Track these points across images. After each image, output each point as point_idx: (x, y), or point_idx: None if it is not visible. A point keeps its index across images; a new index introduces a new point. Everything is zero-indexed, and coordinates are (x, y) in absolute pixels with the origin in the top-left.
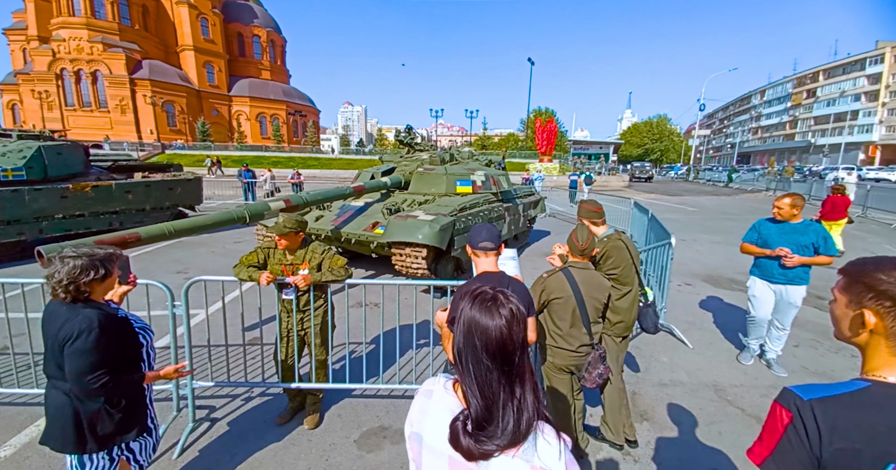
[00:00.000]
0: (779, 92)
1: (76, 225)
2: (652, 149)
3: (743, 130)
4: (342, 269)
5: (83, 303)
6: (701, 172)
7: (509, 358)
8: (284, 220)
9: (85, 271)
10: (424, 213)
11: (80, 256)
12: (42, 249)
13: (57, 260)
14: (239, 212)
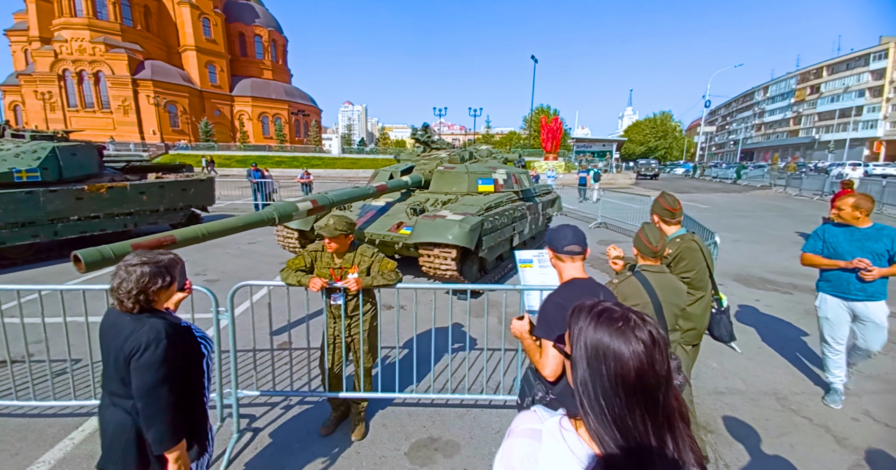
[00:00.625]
0: (782, 88)
1: (91, 227)
2: (655, 146)
3: (746, 127)
4: (393, 272)
5: (148, 312)
6: (707, 169)
7: (652, 394)
8: (335, 222)
9: (153, 279)
10: (452, 213)
11: (145, 262)
12: (80, 253)
13: (122, 268)
14: (268, 213)
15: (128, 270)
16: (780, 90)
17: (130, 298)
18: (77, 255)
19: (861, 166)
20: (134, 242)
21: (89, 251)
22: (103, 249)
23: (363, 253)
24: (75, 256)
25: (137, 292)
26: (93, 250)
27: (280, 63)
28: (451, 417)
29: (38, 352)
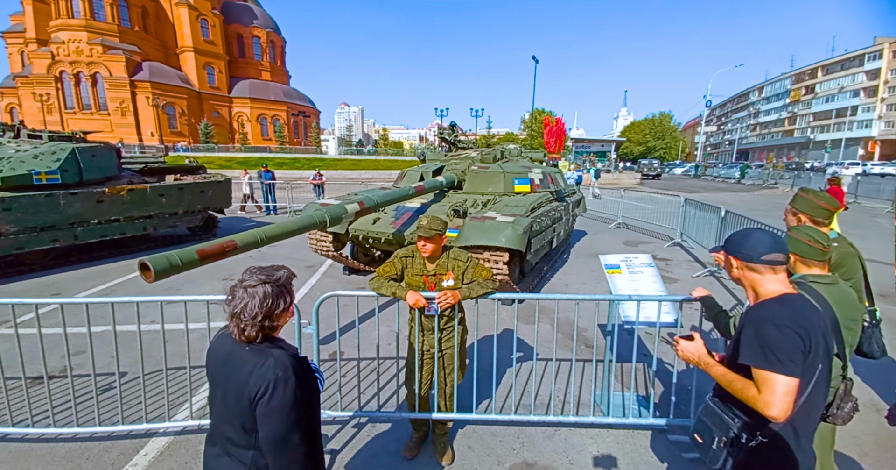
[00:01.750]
0: (777, 88)
1: (111, 230)
2: (654, 146)
3: (741, 127)
4: (490, 280)
5: (268, 341)
6: (709, 169)
7: None
8: (430, 222)
9: (276, 301)
10: (501, 215)
11: (265, 281)
12: (150, 261)
13: (241, 289)
14: (320, 216)
15: (248, 290)
16: (774, 90)
17: (255, 325)
18: (146, 262)
19: (859, 165)
20: (199, 248)
21: (158, 259)
22: (170, 256)
23: (457, 257)
24: (143, 264)
25: (263, 317)
26: (160, 257)
27: (278, 64)
28: (539, 437)
29: (77, 365)
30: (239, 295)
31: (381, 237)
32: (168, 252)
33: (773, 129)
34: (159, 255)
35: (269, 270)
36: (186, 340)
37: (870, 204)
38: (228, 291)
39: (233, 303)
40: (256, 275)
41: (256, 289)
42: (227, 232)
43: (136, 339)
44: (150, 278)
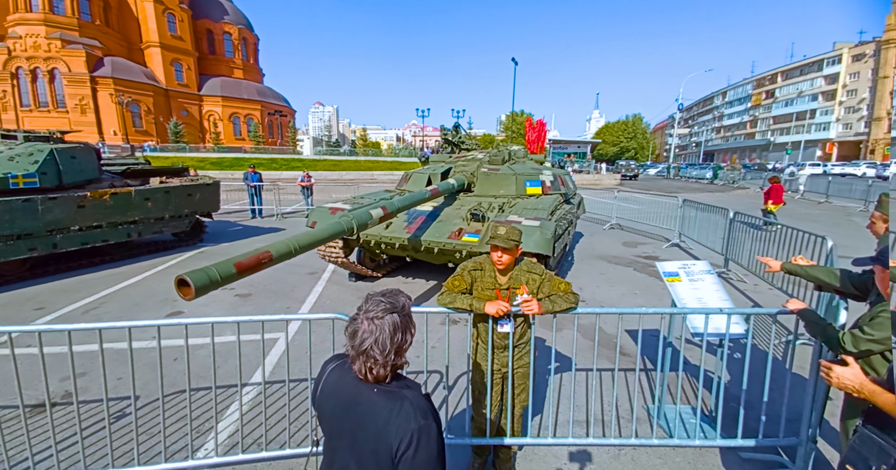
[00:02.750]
0: (739, 93)
1: (93, 237)
2: (627, 147)
3: (707, 130)
4: (572, 294)
5: (396, 379)
6: (682, 169)
7: None
8: (508, 232)
9: (405, 333)
10: (525, 219)
11: (390, 309)
12: (190, 277)
13: (366, 320)
14: (347, 222)
15: (376, 323)
16: (737, 95)
17: (388, 363)
18: (185, 278)
19: (819, 166)
20: (236, 261)
21: (197, 274)
22: (209, 271)
23: (531, 270)
24: (182, 280)
25: (395, 354)
26: (199, 273)
27: (251, 62)
28: (605, 458)
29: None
30: (365, 328)
31: (396, 243)
32: (206, 267)
33: (736, 131)
34: (198, 270)
35: (392, 297)
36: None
37: (841, 203)
38: (348, 322)
39: (358, 338)
40: (381, 303)
41: (384, 320)
42: (214, 237)
43: (139, 358)
44: (189, 296)
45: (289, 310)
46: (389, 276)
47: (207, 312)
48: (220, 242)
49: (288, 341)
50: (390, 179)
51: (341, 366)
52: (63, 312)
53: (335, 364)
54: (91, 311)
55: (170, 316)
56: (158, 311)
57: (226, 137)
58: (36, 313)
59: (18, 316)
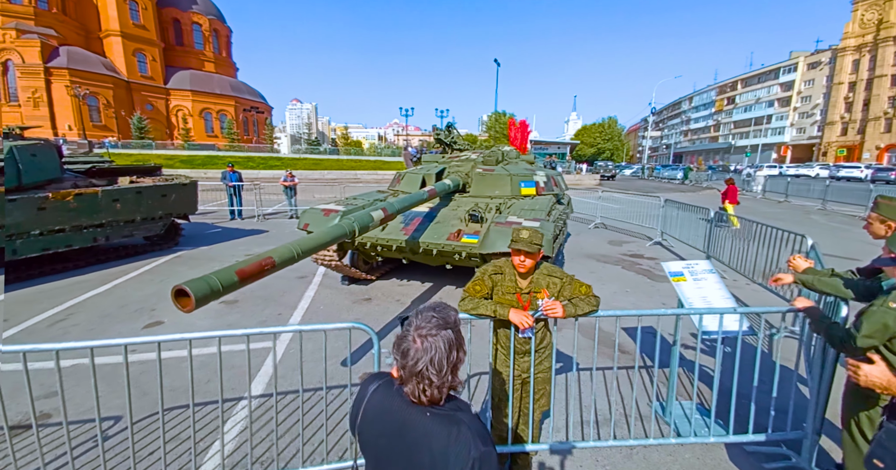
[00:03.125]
0: (704, 99)
1: (55, 242)
2: (603, 148)
3: (676, 133)
4: (594, 297)
5: (448, 399)
6: (657, 170)
7: None
8: (531, 235)
9: (459, 350)
10: (525, 220)
11: (442, 325)
12: (190, 287)
13: (419, 338)
14: (349, 225)
15: (429, 340)
16: (702, 101)
17: (445, 384)
18: (184, 288)
19: (776, 168)
20: (238, 268)
21: (197, 284)
22: (210, 280)
23: (551, 274)
24: (181, 291)
25: (452, 373)
26: (199, 282)
27: (223, 55)
28: (618, 458)
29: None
30: (418, 347)
31: (393, 245)
32: (205, 275)
33: (701, 135)
34: (197, 279)
35: (443, 311)
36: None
37: (799, 203)
38: (396, 341)
39: (410, 357)
40: (433, 318)
41: (438, 338)
42: (191, 240)
43: (118, 372)
44: (188, 307)
45: (280, 317)
46: (383, 278)
47: (191, 322)
48: (198, 246)
49: (276, 354)
50: (374, 179)
51: (386, 387)
52: (27, 324)
53: (377, 384)
54: (58, 323)
55: (148, 327)
56: (134, 322)
57: (197, 134)
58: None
59: None
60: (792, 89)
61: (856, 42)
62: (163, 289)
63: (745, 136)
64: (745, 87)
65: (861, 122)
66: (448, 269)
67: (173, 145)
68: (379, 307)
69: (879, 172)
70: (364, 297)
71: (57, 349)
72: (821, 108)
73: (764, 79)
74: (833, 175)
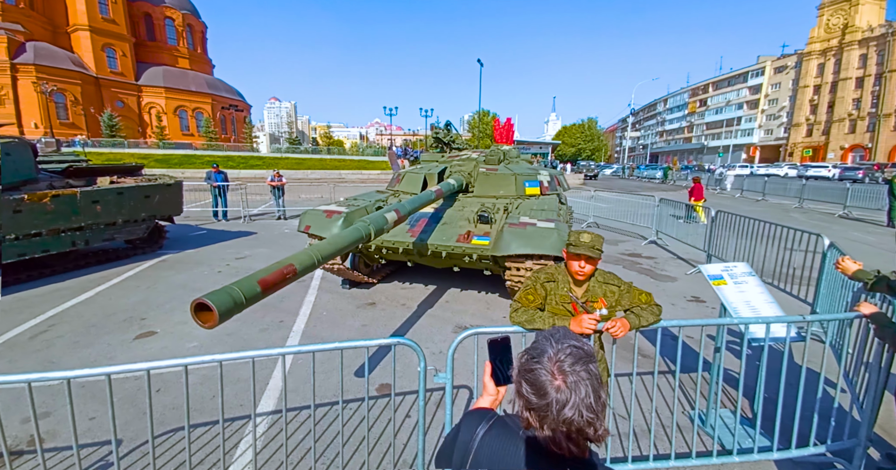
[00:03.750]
0: (678, 101)
1: (31, 247)
2: (584, 148)
3: (651, 133)
4: (656, 306)
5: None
6: (641, 169)
7: None
8: (593, 239)
9: (601, 388)
10: (539, 220)
11: (585, 357)
12: (213, 301)
13: (555, 374)
14: (364, 228)
15: (575, 375)
16: (676, 102)
17: (598, 432)
18: (206, 302)
19: (747, 168)
20: (260, 278)
21: (220, 297)
22: (232, 292)
23: (607, 281)
24: (201, 305)
25: (601, 416)
26: (221, 294)
27: (198, 51)
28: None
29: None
30: (560, 385)
31: (399, 247)
32: (227, 286)
33: (676, 136)
34: (219, 291)
35: (576, 339)
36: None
37: (776, 201)
38: (522, 371)
39: (554, 400)
40: (572, 348)
41: (583, 374)
42: (174, 243)
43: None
44: (210, 322)
45: (282, 324)
46: (385, 281)
47: (187, 331)
48: (183, 249)
49: (285, 365)
50: (360, 179)
51: (501, 431)
52: (7, 336)
53: (486, 426)
54: (40, 335)
55: (140, 338)
56: (123, 332)
57: (172, 133)
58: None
59: None
60: (760, 92)
61: (821, 46)
62: (151, 296)
63: (716, 137)
64: (716, 90)
65: (826, 124)
66: (455, 271)
67: (146, 144)
68: (384, 312)
69: (847, 172)
70: (367, 301)
71: (30, 381)
72: (787, 110)
73: (733, 82)
74: (801, 174)
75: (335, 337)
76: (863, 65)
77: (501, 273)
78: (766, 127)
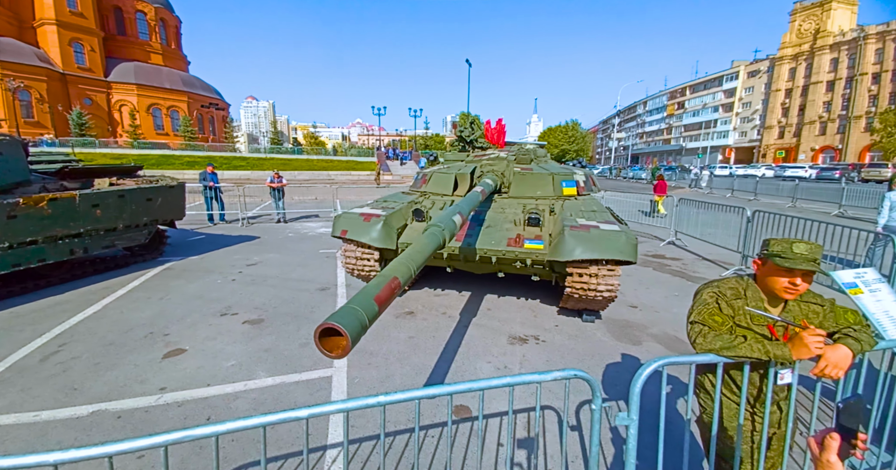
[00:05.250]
0: (657, 103)
1: (26, 256)
2: (568, 149)
3: (632, 135)
4: (868, 326)
5: None
6: (623, 170)
7: None
8: (812, 250)
9: None
10: (601, 223)
11: None
12: (342, 325)
13: None
14: (440, 232)
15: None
16: (655, 105)
17: None
18: (337, 326)
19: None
20: (375, 294)
21: (347, 318)
22: (357, 313)
23: (806, 299)
24: (330, 330)
25: None
26: (348, 316)
27: (173, 47)
28: None
29: None
30: None
31: (445, 252)
32: (348, 307)
33: (655, 137)
34: (343, 313)
35: None
36: None
37: (768, 201)
38: None
39: None
40: None
41: None
42: (175, 249)
43: None
44: (338, 351)
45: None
46: (414, 288)
47: (219, 348)
48: (186, 255)
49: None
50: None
51: None
52: (13, 360)
53: None
54: (52, 357)
55: (168, 357)
56: (149, 351)
57: (145, 132)
58: None
59: None
60: (734, 96)
61: (793, 51)
62: (167, 308)
63: (694, 139)
64: (693, 93)
65: (797, 126)
66: (499, 277)
67: (117, 143)
68: (427, 322)
69: (824, 172)
70: (404, 310)
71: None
72: (760, 113)
73: (709, 85)
74: (779, 175)
75: (385, 351)
76: (834, 68)
77: (552, 279)
78: (740, 129)
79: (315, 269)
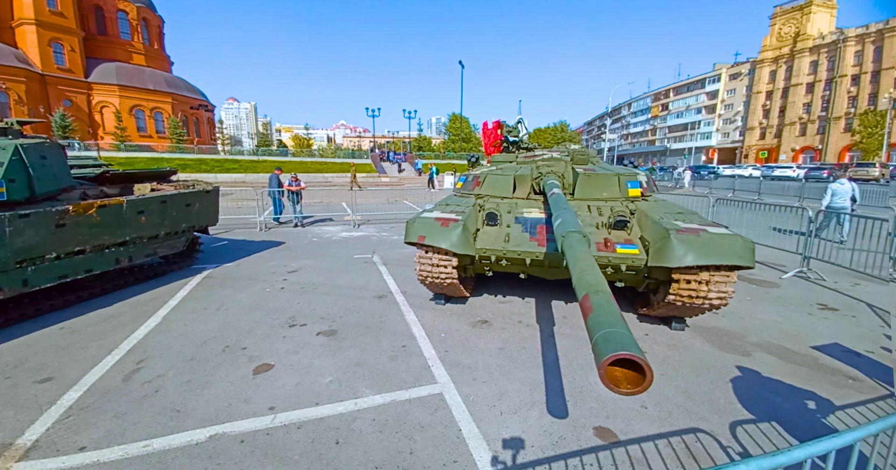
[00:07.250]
0: (641, 105)
1: (73, 268)
2: None
3: (617, 136)
4: None
5: None
6: None
7: None
8: None
9: None
10: (707, 225)
11: None
12: (640, 358)
13: None
14: (586, 237)
15: None
16: (640, 107)
17: None
18: (636, 358)
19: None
20: (618, 310)
21: (635, 347)
22: (629, 337)
23: None
24: (619, 361)
25: None
26: (627, 343)
27: (155, 47)
28: None
29: None
30: None
31: (526, 258)
32: (615, 332)
33: (640, 138)
34: (621, 338)
35: None
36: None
37: (773, 201)
38: None
39: None
40: None
41: None
42: (203, 257)
43: None
44: (639, 388)
45: (406, 349)
46: (475, 294)
47: (308, 362)
48: (219, 263)
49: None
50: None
51: None
52: (90, 381)
53: None
54: (134, 376)
55: (258, 373)
56: (234, 367)
57: (129, 134)
58: (45, 389)
59: (17, 394)
60: (716, 98)
61: (773, 54)
62: (230, 320)
63: (679, 140)
64: (677, 95)
65: (777, 127)
66: (559, 281)
67: (97, 145)
68: (507, 332)
69: (812, 171)
70: (478, 319)
71: None
72: (741, 114)
73: (692, 88)
74: (766, 175)
75: (482, 365)
76: (813, 71)
77: (642, 286)
78: (723, 130)
79: (360, 275)
